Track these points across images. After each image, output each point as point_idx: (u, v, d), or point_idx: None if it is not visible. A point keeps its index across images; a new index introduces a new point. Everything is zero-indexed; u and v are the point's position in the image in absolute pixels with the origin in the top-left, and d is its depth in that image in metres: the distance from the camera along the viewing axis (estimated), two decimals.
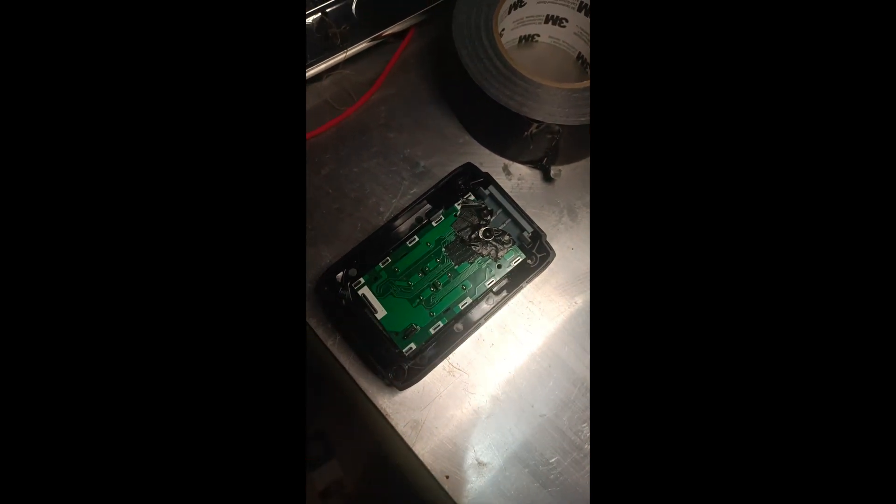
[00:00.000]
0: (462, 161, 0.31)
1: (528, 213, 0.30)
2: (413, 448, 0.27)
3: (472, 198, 0.30)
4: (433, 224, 0.29)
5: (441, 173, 0.32)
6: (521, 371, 0.29)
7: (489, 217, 0.29)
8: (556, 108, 0.29)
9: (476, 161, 0.31)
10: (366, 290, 0.28)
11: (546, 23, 0.35)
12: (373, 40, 0.34)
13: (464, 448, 0.27)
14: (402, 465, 0.28)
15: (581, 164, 0.33)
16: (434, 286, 0.28)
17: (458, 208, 0.30)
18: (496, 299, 0.28)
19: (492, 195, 0.30)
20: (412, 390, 0.28)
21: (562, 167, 0.33)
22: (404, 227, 0.29)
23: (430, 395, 0.28)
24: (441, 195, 0.30)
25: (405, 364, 0.26)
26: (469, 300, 0.28)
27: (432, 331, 0.27)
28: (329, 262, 0.30)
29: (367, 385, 0.28)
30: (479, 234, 0.29)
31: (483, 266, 0.29)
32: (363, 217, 0.31)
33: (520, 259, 0.29)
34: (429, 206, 0.30)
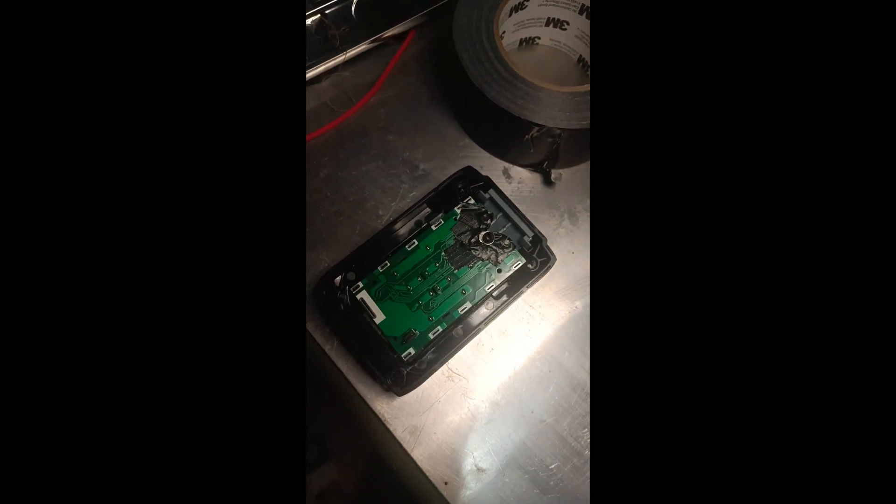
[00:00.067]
0: (462, 164, 0.31)
1: (528, 216, 0.29)
2: (412, 454, 0.27)
3: (471, 201, 0.30)
4: (433, 228, 0.29)
5: (441, 176, 0.32)
6: (520, 376, 0.29)
7: (489, 221, 0.29)
8: (557, 111, 0.29)
9: (476, 164, 0.31)
10: (364, 295, 0.28)
11: (547, 25, 0.35)
12: (372, 42, 0.34)
13: (463, 454, 0.27)
14: (401, 471, 0.28)
15: (581, 167, 0.33)
16: (433, 291, 0.28)
17: (458, 212, 0.30)
18: (496, 304, 0.28)
19: (492, 199, 0.30)
20: (411, 395, 0.27)
21: (562, 170, 0.33)
22: (403, 230, 0.29)
23: (429, 400, 0.28)
24: (441, 199, 0.30)
25: (404, 369, 0.26)
26: (469, 305, 0.28)
27: (431, 336, 0.27)
28: (327, 265, 0.30)
29: (365, 390, 0.28)
30: (479, 238, 0.29)
31: (483, 270, 0.29)
32: (362, 220, 0.31)
33: (520, 263, 0.29)
34: (428, 209, 0.30)
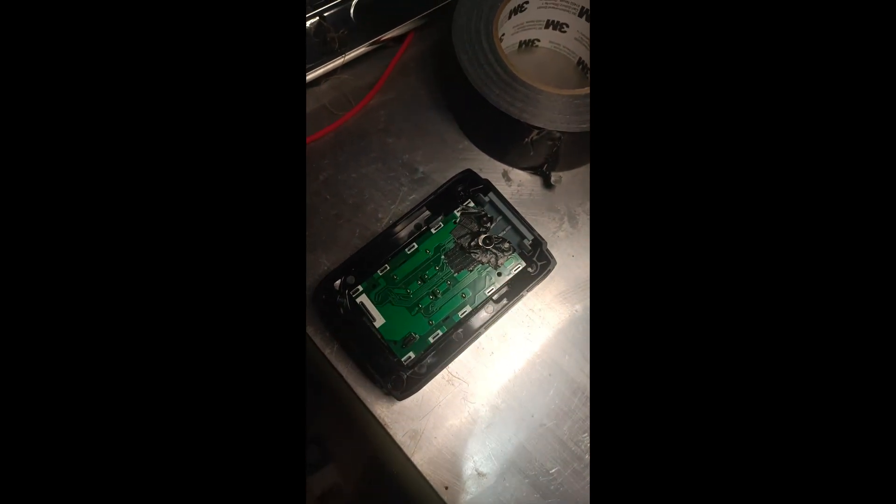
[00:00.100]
0: (462, 167, 0.31)
1: (528, 219, 0.29)
2: (412, 458, 0.27)
3: (471, 204, 0.30)
4: (432, 231, 0.29)
5: (440, 179, 0.32)
6: (521, 380, 0.29)
7: (489, 224, 0.29)
8: (557, 114, 0.29)
9: (476, 167, 0.31)
10: (364, 298, 0.28)
11: (547, 28, 0.35)
12: (371, 45, 0.34)
13: (463, 458, 0.27)
14: (401, 475, 0.28)
15: (581, 170, 0.33)
16: (433, 294, 0.28)
17: (458, 215, 0.29)
18: (496, 307, 0.28)
19: (492, 202, 0.30)
20: (411, 399, 0.27)
21: (562, 173, 0.33)
22: (403, 233, 0.29)
23: (429, 404, 0.28)
24: (440, 202, 0.30)
25: (404, 373, 0.26)
26: (468, 308, 0.28)
27: (431, 339, 0.27)
28: (327, 269, 0.30)
29: (365, 394, 0.28)
30: (479, 242, 0.28)
31: (483, 274, 0.28)
32: (361, 223, 0.31)
33: (520, 267, 0.29)
34: (428, 212, 0.30)
